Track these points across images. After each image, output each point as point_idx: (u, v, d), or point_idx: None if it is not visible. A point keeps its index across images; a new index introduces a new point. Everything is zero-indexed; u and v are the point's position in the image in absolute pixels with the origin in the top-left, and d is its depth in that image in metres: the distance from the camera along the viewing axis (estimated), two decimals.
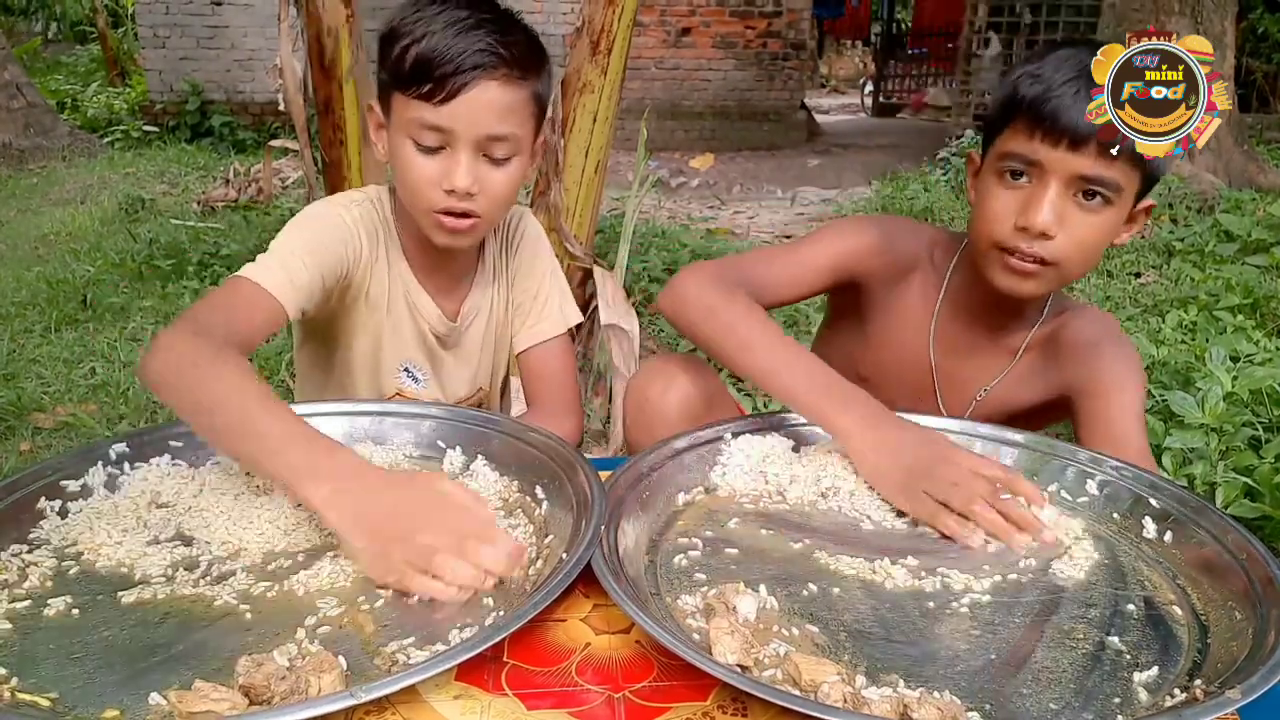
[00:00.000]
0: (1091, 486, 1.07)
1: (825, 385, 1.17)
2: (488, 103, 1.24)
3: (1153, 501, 1.01)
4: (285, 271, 1.24)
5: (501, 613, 0.84)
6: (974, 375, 1.42)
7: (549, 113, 1.78)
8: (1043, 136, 1.20)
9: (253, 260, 1.26)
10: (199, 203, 6.39)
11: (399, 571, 0.88)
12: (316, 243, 1.31)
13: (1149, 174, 1.23)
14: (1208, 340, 3.25)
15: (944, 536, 1.00)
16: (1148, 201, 1.28)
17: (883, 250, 1.43)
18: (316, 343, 1.49)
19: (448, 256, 1.43)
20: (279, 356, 3.48)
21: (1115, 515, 1.03)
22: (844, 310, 1.53)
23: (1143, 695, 0.75)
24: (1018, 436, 1.16)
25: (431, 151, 1.27)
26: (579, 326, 3.27)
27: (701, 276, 1.35)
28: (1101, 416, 1.25)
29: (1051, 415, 1.42)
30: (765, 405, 2.99)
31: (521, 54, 1.26)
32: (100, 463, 1.10)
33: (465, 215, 1.29)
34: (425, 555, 0.87)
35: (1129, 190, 1.22)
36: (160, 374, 1.06)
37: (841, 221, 1.51)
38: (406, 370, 1.48)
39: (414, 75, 1.23)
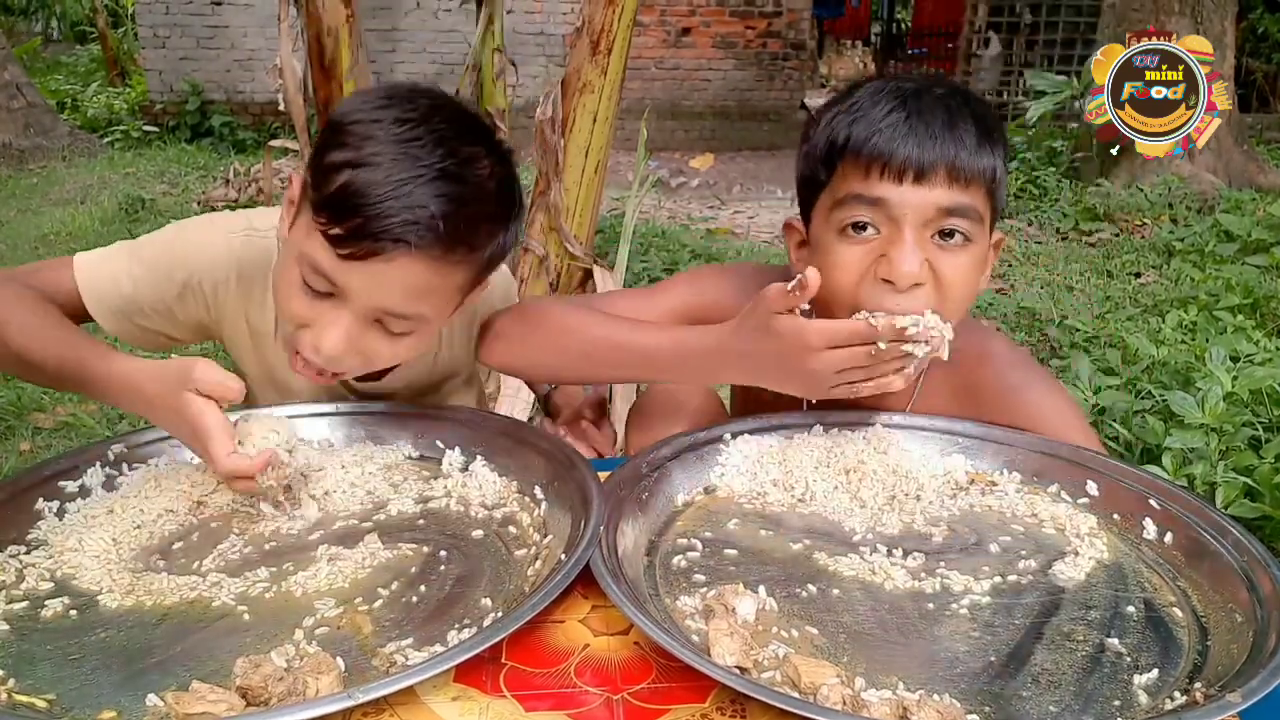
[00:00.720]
0: (1092, 487, 1.06)
1: (690, 343, 1.11)
2: (398, 280, 1.02)
3: (1153, 502, 1.01)
4: (111, 280, 1.21)
5: (500, 614, 0.84)
6: None
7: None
8: (880, 173, 1.05)
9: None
10: (199, 203, 6.40)
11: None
12: (164, 263, 1.23)
13: (997, 204, 1.12)
14: (1208, 340, 3.24)
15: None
16: (997, 235, 1.17)
17: (725, 302, 1.27)
18: None
19: None
20: None
21: (1115, 516, 1.03)
22: None
23: (1143, 698, 0.75)
24: (1017, 436, 1.15)
25: (316, 293, 1.05)
26: None
27: (516, 307, 1.26)
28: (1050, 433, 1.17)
29: None
30: None
31: (475, 228, 1.04)
32: (99, 463, 1.10)
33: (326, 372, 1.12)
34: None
35: (985, 220, 1.10)
36: None
37: (697, 271, 1.39)
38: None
39: (331, 206, 1.00)
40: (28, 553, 0.96)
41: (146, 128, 9.37)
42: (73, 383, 1.10)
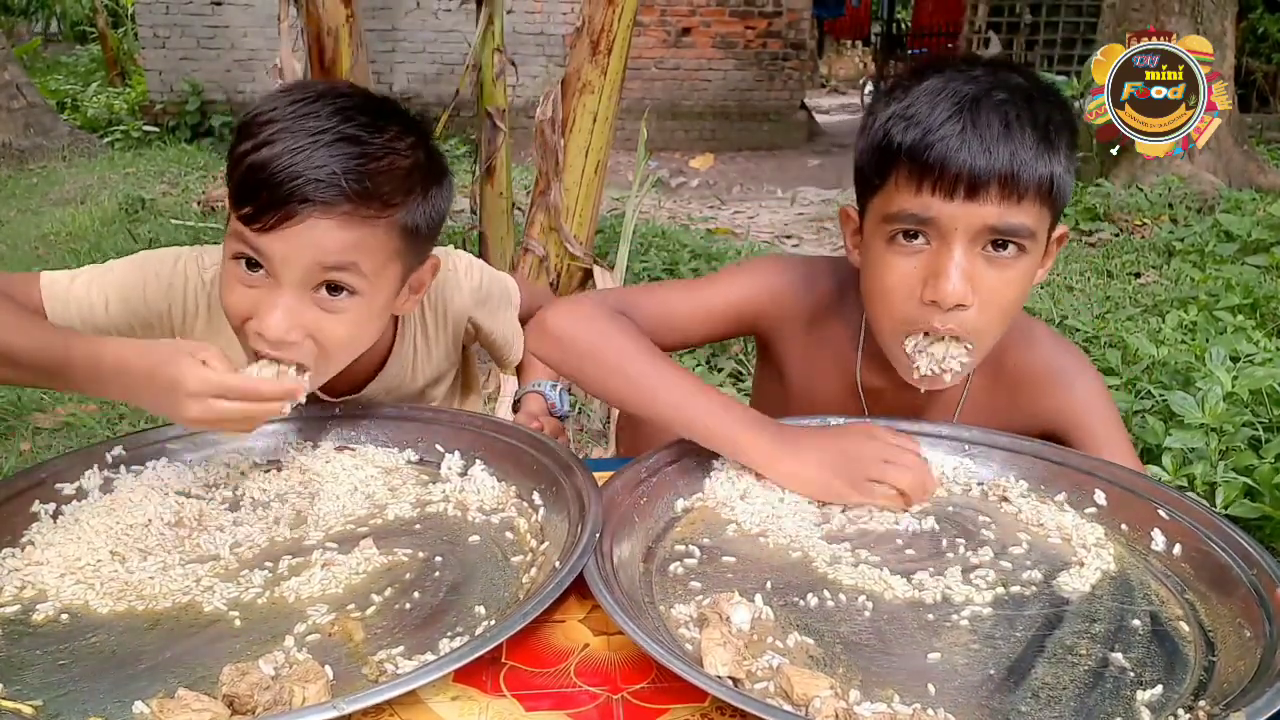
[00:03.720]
0: (1100, 497, 1.05)
1: (730, 417, 1.06)
2: (316, 241, 1.03)
3: (1162, 513, 0.99)
4: (86, 305, 1.19)
5: (493, 622, 0.83)
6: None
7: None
8: (933, 189, 1.03)
9: None
10: (199, 203, 6.39)
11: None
12: (134, 288, 1.22)
13: (1059, 204, 1.08)
14: (1208, 340, 3.23)
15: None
16: (1060, 229, 1.14)
17: (789, 297, 1.28)
18: None
19: None
20: None
21: (1124, 526, 1.01)
22: (765, 359, 1.39)
23: (1145, 715, 0.73)
24: (1026, 444, 1.14)
25: (252, 280, 1.07)
26: None
27: (575, 309, 1.18)
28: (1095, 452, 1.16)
29: None
30: None
31: (383, 184, 1.05)
32: (96, 466, 1.10)
33: (283, 361, 1.08)
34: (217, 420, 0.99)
35: (1042, 231, 1.07)
36: None
37: (750, 264, 1.35)
38: None
39: (239, 190, 1.04)
40: (21, 556, 0.95)
41: (146, 128, 9.36)
42: (51, 369, 1.05)
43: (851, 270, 1.22)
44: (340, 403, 1.30)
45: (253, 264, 1.06)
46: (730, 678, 0.74)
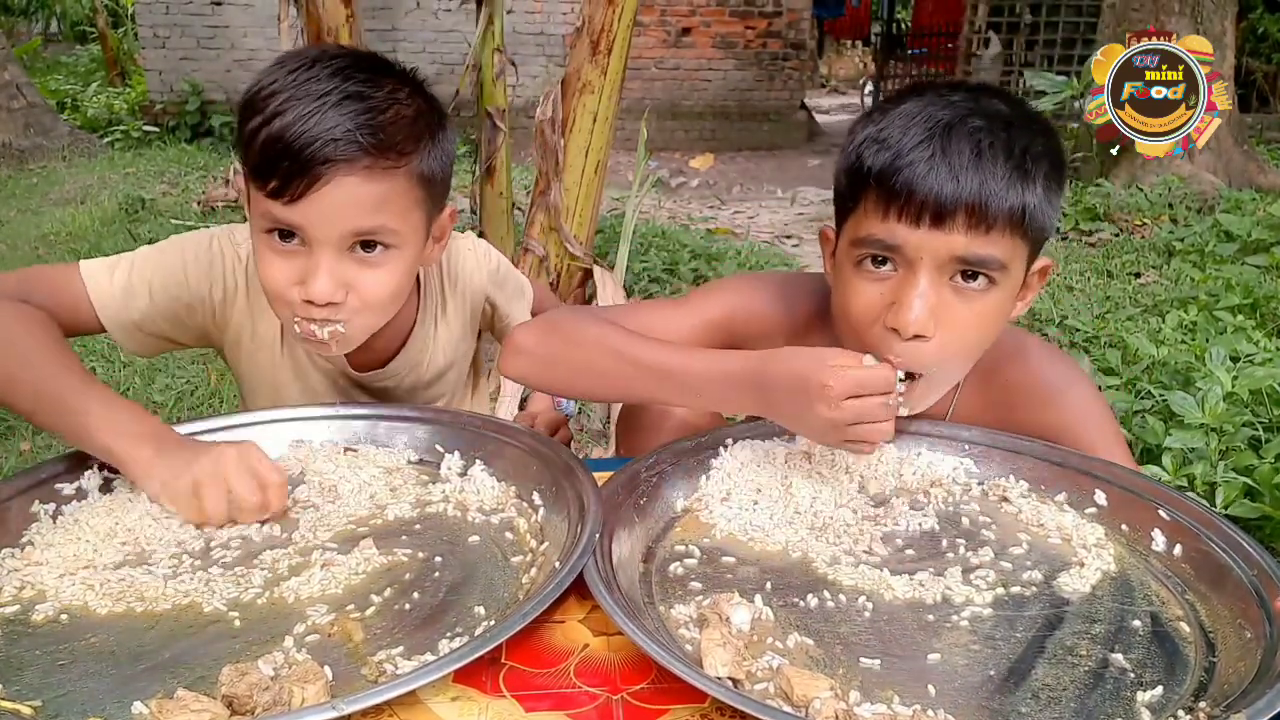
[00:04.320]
0: (1100, 497, 1.05)
1: (717, 366, 1.06)
2: (346, 200, 1.06)
3: (1163, 513, 0.99)
4: (127, 293, 1.21)
5: (493, 623, 0.83)
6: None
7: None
8: (899, 215, 1.00)
9: None
10: (199, 203, 6.39)
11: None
12: (175, 272, 1.24)
13: (1037, 235, 1.05)
14: (1208, 340, 3.23)
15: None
16: (1042, 262, 1.11)
17: (769, 314, 1.27)
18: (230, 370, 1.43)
19: None
20: None
21: (1124, 527, 1.01)
22: None
23: (1146, 716, 0.73)
24: (1026, 445, 1.14)
25: (287, 250, 1.09)
26: None
27: (537, 324, 1.19)
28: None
29: None
30: None
31: (395, 134, 1.08)
32: (96, 466, 1.09)
33: (330, 322, 1.12)
34: (219, 517, 0.99)
35: (1016, 263, 1.04)
36: None
37: (730, 280, 1.34)
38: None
39: (259, 166, 1.06)
40: (20, 556, 0.95)
41: (146, 128, 9.35)
42: (54, 405, 1.05)
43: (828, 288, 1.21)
44: (363, 379, 1.33)
45: (285, 234, 1.09)
46: (730, 679, 0.74)
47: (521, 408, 1.58)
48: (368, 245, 1.11)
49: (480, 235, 3.68)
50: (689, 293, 1.34)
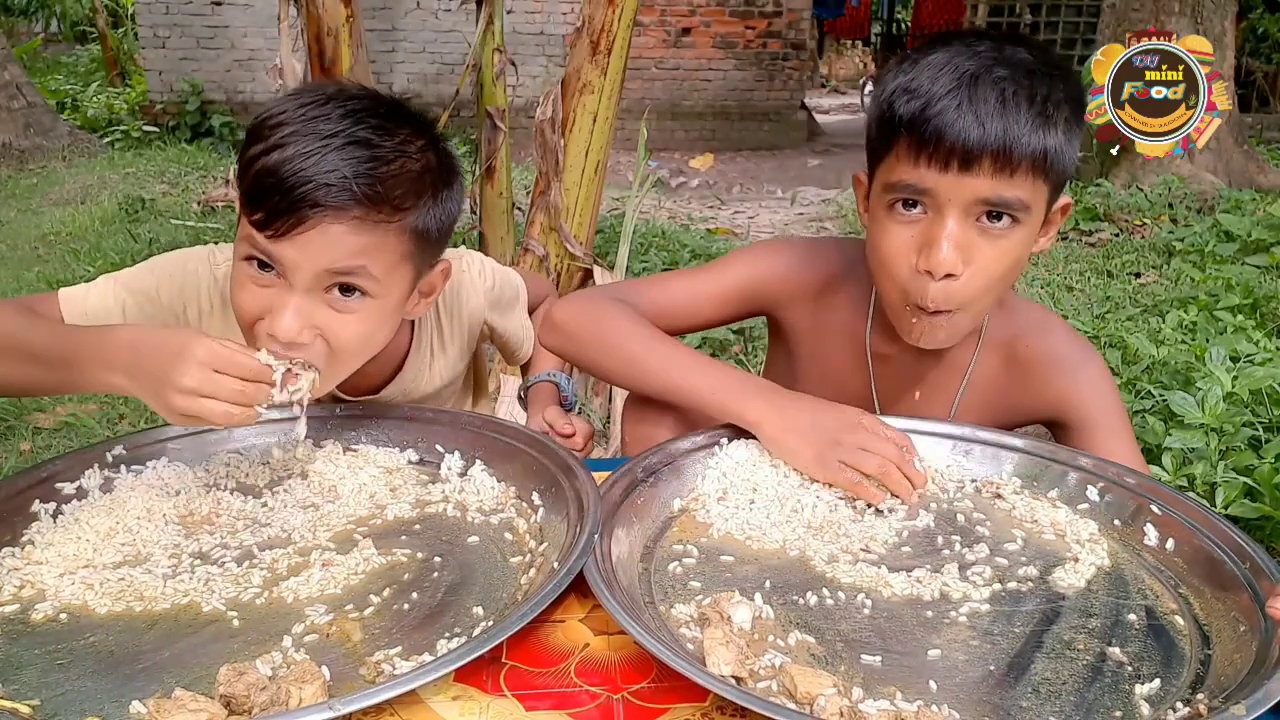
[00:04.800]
0: (1092, 493, 1.05)
1: (729, 381, 1.14)
2: (328, 245, 1.03)
3: (1155, 508, 1.00)
4: (103, 311, 1.20)
5: (491, 623, 0.83)
6: (925, 401, 1.31)
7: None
8: (929, 161, 1.06)
9: None
10: (199, 203, 6.39)
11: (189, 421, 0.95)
12: (148, 291, 1.23)
13: (1058, 178, 1.10)
14: (1208, 340, 3.23)
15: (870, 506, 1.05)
16: (1064, 199, 1.16)
17: (793, 275, 1.33)
18: None
19: None
20: None
21: (1117, 522, 1.02)
22: (776, 337, 1.43)
23: (1144, 709, 0.74)
24: (1017, 441, 1.15)
25: (263, 280, 1.07)
26: None
27: (579, 300, 1.29)
28: (1099, 450, 1.17)
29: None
30: None
31: (394, 187, 1.05)
32: (96, 465, 1.10)
33: (293, 360, 1.07)
34: (206, 411, 0.94)
35: (1038, 204, 1.10)
36: None
37: (754, 247, 1.40)
38: None
39: (250, 195, 1.04)
40: (20, 555, 0.95)
41: (146, 128, 9.34)
42: (63, 352, 1.04)
43: (859, 245, 1.28)
44: (356, 402, 1.31)
45: (264, 265, 1.06)
46: (734, 677, 0.74)
47: (521, 400, 1.57)
48: (345, 290, 1.07)
49: (480, 235, 3.68)
50: (715, 261, 1.40)
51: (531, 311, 1.61)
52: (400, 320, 1.21)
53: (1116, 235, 5.63)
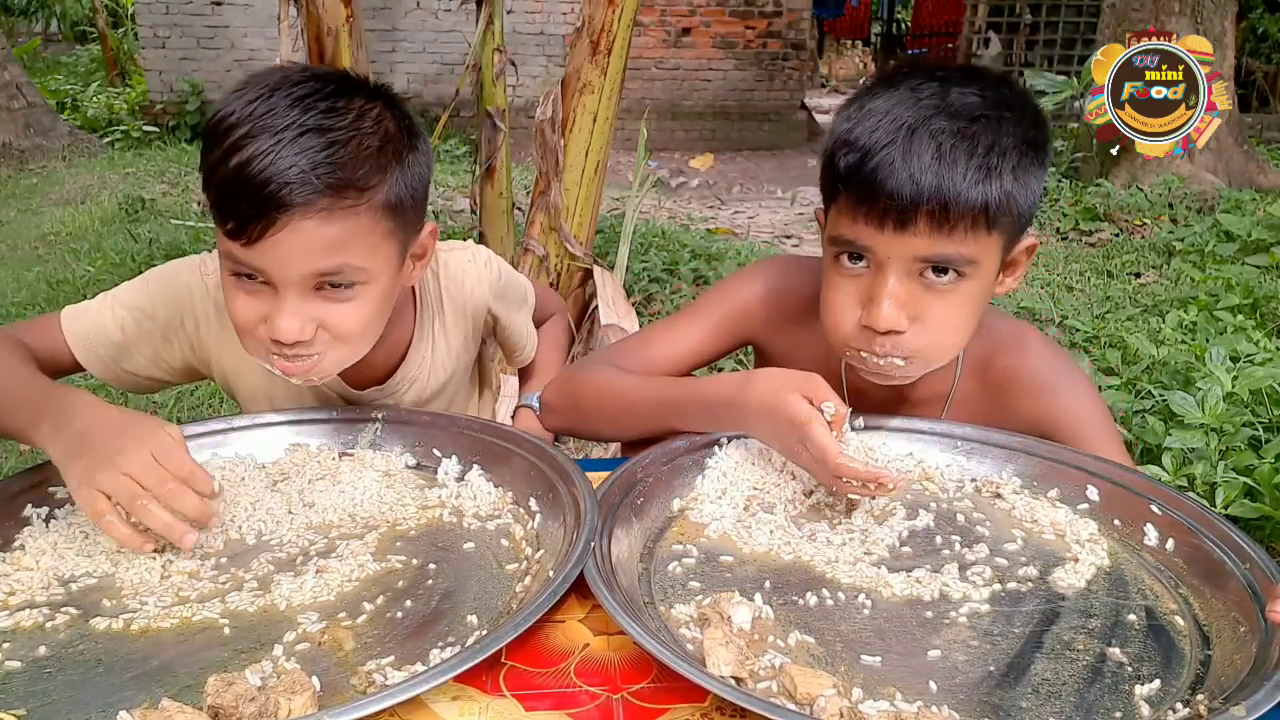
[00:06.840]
0: (1092, 493, 1.05)
1: (715, 383, 1.13)
2: (304, 243, 1.01)
3: (1154, 508, 0.99)
4: (100, 328, 1.22)
5: (484, 632, 0.82)
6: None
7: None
8: (865, 218, 1.03)
9: None
10: (199, 203, 6.38)
11: (96, 502, 0.91)
12: (143, 306, 1.25)
13: (1013, 225, 1.06)
14: (1208, 340, 3.24)
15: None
16: (1027, 241, 1.12)
17: (771, 298, 1.31)
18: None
19: None
20: None
21: (1117, 522, 1.01)
22: (761, 363, 1.39)
23: (1144, 709, 0.73)
24: (1018, 440, 1.14)
25: (252, 288, 1.06)
26: (579, 326, 3.23)
27: (561, 375, 1.33)
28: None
29: None
30: None
31: (357, 169, 1.03)
32: None
33: (302, 356, 1.09)
34: (127, 492, 0.90)
35: (987, 255, 1.05)
36: None
37: (729, 278, 1.37)
38: None
39: (217, 204, 1.02)
40: (10, 561, 0.94)
41: (146, 128, 9.35)
42: (18, 404, 1.04)
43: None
44: (362, 397, 1.32)
45: (249, 274, 1.06)
46: (733, 677, 0.74)
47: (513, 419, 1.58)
48: (332, 282, 1.07)
49: (480, 235, 3.68)
50: (695, 301, 1.37)
51: (539, 324, 1.62)
52: (399, 292, 1.20)
53: (1116, 235, 5.64)
